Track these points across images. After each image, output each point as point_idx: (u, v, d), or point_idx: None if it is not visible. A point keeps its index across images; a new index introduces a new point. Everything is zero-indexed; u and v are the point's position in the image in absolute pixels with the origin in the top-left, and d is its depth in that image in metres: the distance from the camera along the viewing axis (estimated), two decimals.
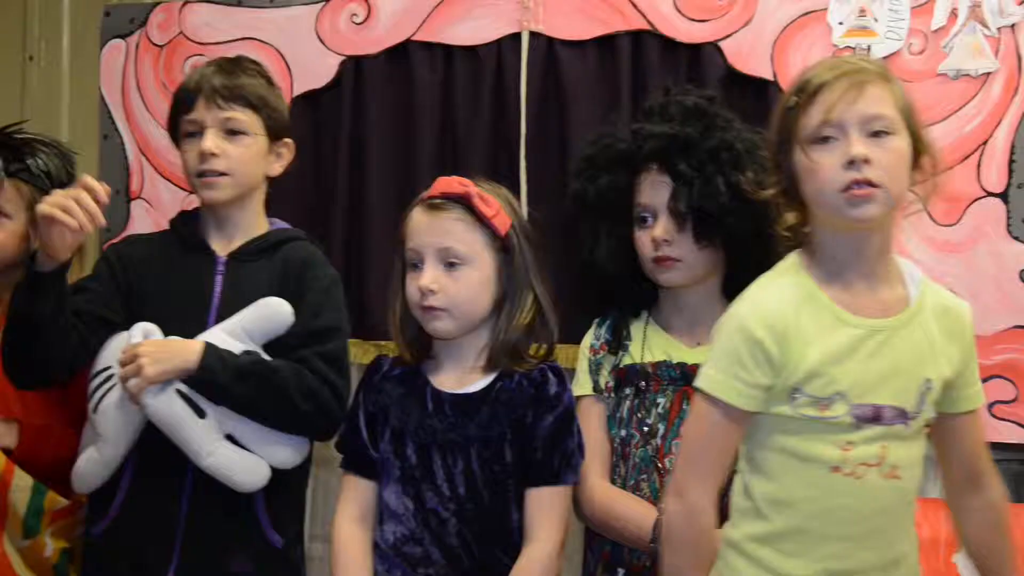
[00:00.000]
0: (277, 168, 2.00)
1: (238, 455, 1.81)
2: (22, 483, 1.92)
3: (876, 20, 2.24)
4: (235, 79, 1.93)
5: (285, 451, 1.86)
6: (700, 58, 2.33)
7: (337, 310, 1.94)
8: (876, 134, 1.49)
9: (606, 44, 2.39)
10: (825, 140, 1.51)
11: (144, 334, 1.81)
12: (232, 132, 1.91)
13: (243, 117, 1.92)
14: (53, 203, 1.69)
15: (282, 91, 2.09)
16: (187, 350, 1.78)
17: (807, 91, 1.53)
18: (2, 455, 1.91)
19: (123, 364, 1.77)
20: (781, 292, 1.57)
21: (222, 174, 1.90)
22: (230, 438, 1.82)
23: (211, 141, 1.89)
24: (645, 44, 2.36)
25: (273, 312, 1.85)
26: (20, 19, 3.45)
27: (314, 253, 1.99)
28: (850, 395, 1.51)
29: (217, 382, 1.77)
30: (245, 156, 1.92)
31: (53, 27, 3.42)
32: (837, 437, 1.51)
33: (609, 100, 2.38)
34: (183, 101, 1.95)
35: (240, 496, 1.82)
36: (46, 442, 2.01)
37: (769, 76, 2.29)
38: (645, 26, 2.36)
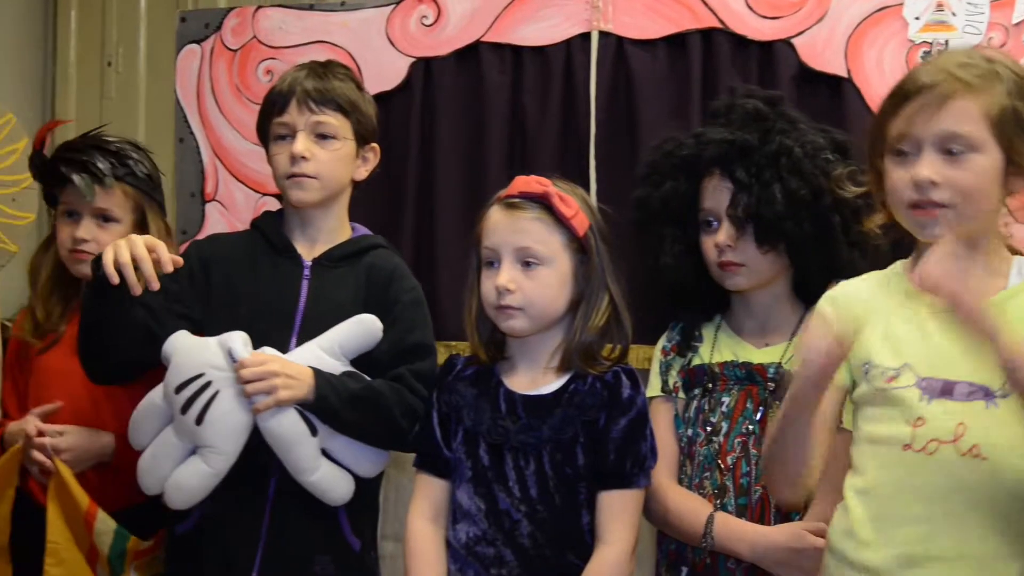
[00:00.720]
0: (363, 172, 2.00)
1: (336, 472, 1.83)
2: (104, 527, 1.95)
3: (954, 14, 2.20)
4: (327, 83, 1.94)
5: (370, 463, 1.88)
6: (772, 56, 2.31)
7: (427, 326, 1.95)
8: (951, 152, 1.47)
9: (676, 43, 2.38)
10: (902, 153, 1.52)
11: (244, 343, 1.79)
12: (322, 136, 1.92)
13: (333, 121, 1.92)
14: (120, 256, 1.74)
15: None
16: (307, 376, 1.77)
17: (897, 97, 1.53)
18: (86, 496, 1.95)
19: (248, 379, 1.75)
20: (862, 279, 1.64)
21: (311, 177, 1.91)
22: (324, 452, 1.83)
23: (302, 144, 1.90)
24: (716, 42, 2.35)
25: (367, 330, 1.86)
26: (99, 26, 3.53)
27: (398, 264, 2.00)
28: (917, 368, 1.50)
29: (331, 409, 1.78)
30: (334, 160, 1.93)
31: (130, 33, 3.49)
32: (908, 413, 1.50)
33: (679, 99, 2.37)
34: (274, 104, 1.96)
35: (323, 502, 1.85)
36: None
37: (843, 73, 2.25)
38: (716, 24, 2.34)
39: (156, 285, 1.75)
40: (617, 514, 1.71)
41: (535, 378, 1.79)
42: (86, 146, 2.16)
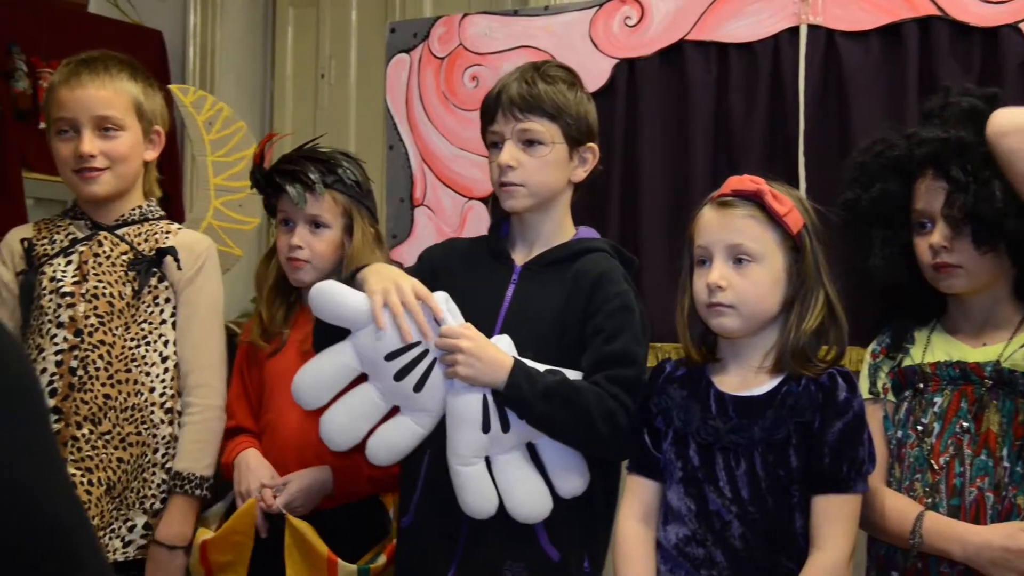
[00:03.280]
0: (580, 173, 1.96)
1: (480, 483, 1.81)
2: (346, 570, 2.02)
3: None
4: (532, 88, 1.91)
5: (577, 480, 1.85)
6: (997, 43, 2.19)
7: (631, 334, 1.87)
8: None
9: (891, 33, 2.30)
10: None
11: (449, 308, 1.83)
12: (529, 142, 1.91)
13: (539, 127, 1.90)
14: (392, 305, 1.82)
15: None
16: (499, 365, 1.78)
17: None
18: (325, 546, 2.02)
19: (440, 347, 1.79)
20: None
21: (519, 185, 1.91)
22: (531, 447, 1.83)
23: (507, 154, 1.90)
24: (934, 31, 2.25)
25: None
26: (313, 41, 3.70)
27: (606, 269, 1.92)
28: None
29: (523, 399, 1.77)
30: (541, 166, 1.91)
31: (342, 47, 3.64)
32: None
33: (894, 93, 2.28)
34: (486, 112, 1.97)
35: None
36: (358, 475, 2.11)
37: None
38: (934, 11, 2.24)
39: (430, 337, 1.81)
40: (832, 519, 1.66)
41: (746, 379, 1.75)
42: (299, 157, 2.23)
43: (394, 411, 1.88)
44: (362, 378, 1.88)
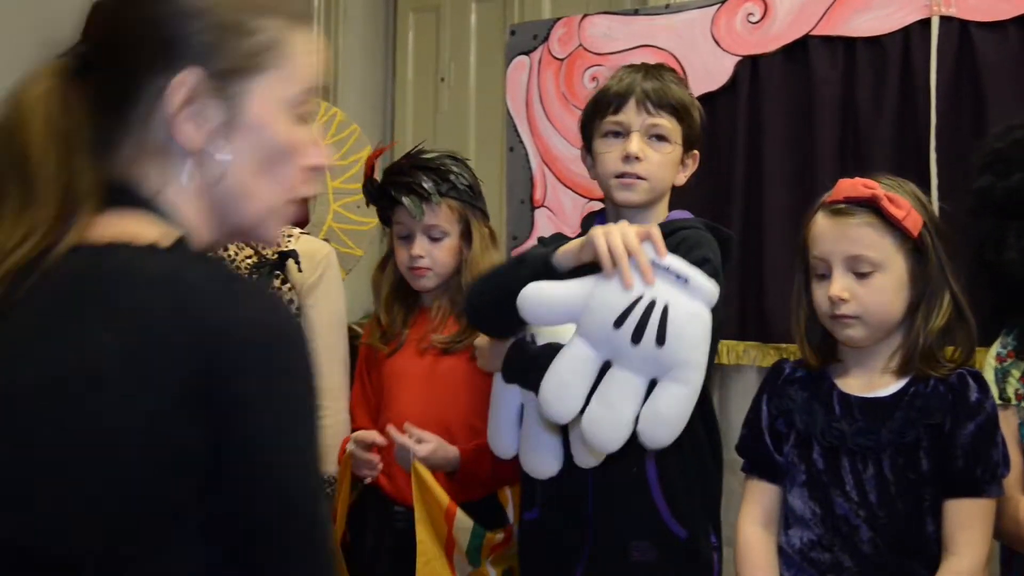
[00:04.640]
0: (682, 178, 1.96)
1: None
2: (462, 524, 2.04)
3: None
4: (664, 85, 1.92)
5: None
6: None
7: (710, 249, 1.77)
8: None
9: None
10: None
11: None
12: (655, 138, 1.91)
13: (668, 124, 1.90)
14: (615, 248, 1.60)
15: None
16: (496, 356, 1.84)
17: None
18: (446, 496, 2.04)
19: None
20: None
21: (640, 178, 1.90)
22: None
23: (637, 144, 1.89)
24: None
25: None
26: (433, 45, 3.74)
27: (697, 237, 1.83)
28: None
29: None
30: (664, 163, 1.90)
31: (462, 50, 3.68)
32: None
33: None
34: (608, 103, 1.94)
35: (636, 486, 1.83)
36: (484, 460, 2.10)
37: None
38: None
39: (652, 279, 1.55)
40: (967, 524, 1.61)
41: (871, 380, 1.71)
42: (410, 167, 2.23)
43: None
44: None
